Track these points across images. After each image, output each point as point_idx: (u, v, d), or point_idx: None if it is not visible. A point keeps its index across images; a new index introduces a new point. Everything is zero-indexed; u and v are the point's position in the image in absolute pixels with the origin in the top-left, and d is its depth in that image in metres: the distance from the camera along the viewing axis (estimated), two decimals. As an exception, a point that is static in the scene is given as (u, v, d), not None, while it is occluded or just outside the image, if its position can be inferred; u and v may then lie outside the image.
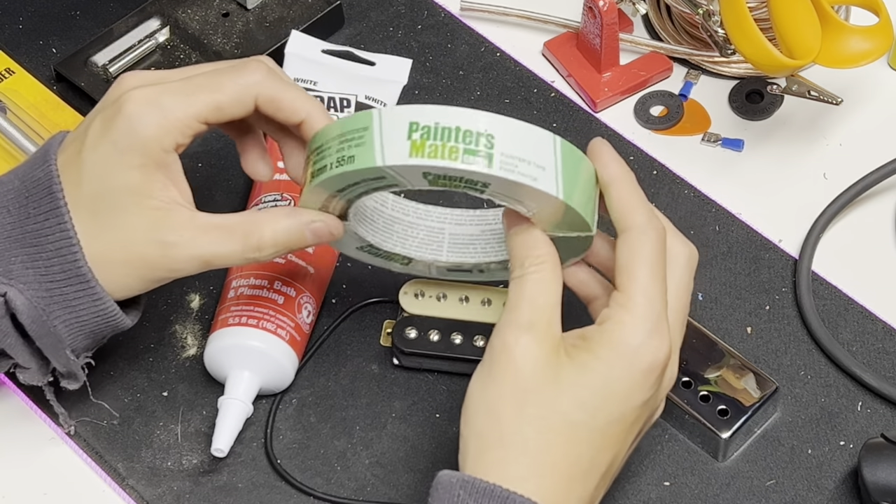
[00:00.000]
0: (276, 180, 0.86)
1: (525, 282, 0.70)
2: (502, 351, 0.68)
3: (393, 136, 0.68)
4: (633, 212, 0.70)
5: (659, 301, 0.69)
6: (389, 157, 0.68)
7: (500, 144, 0.67)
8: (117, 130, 0.72)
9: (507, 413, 0.67)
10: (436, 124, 0.68)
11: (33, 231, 0.73)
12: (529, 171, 0.68)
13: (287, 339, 0.80)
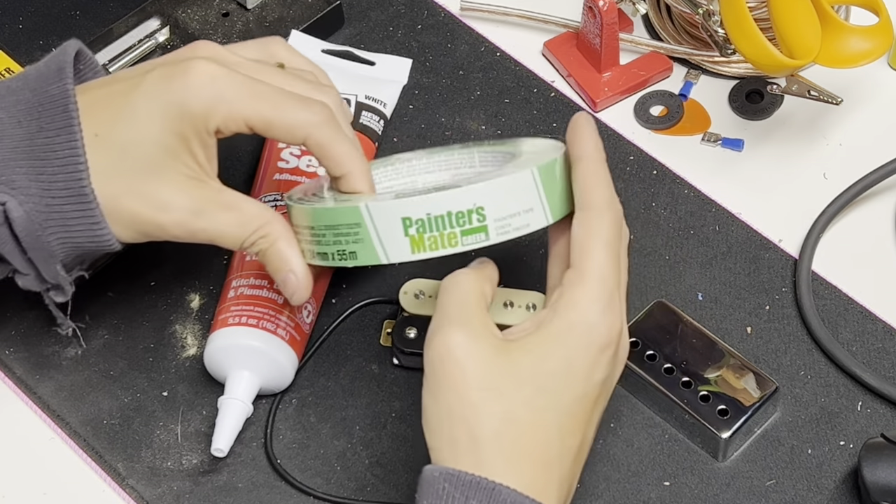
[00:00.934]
0: (276, 180, 0.86)
1: (444, 289, 0.70)
2: (443, 357, 0.68)
3: (389, 235, 0.70)
4: (594, 190, 0.70)
5: (612, 279, 0.69)
6: (393, 255, 0.71)
7: (491, 212, 0.70)
8: (174, 92, 0.72)
9: (470, 414, 0.67)
10: (427, 216, 0.70)
11: (42, 145, 0.73)
12: (522, 222, 0.71)
13: (287, 339, 0.80)
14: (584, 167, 0.70)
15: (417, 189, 0.72)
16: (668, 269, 0.87)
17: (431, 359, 0.68)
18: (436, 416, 0.68)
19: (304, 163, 0.87)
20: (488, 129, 0.93)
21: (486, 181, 0.70)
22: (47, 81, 0.74)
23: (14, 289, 0.85)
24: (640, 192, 0.90)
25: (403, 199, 0.69)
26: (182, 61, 0.73)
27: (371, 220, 0.70)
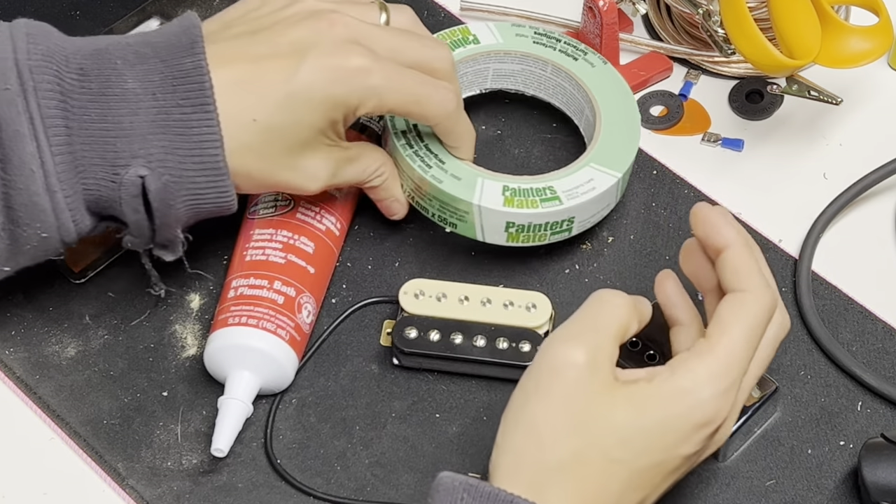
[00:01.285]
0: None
1: (594, 303, 0.70)
2: (554, 369, 0.67)
3: (491, 227, 0.84)
4: (749, 275, 0.70)
5: (739, 363, 0.68)
6: (490, 238, 0.85)
7: (579, 218, 0.85)
8: (334, 87, 0.77)
9: (548, 434, 0.67)
10: (529, 223, 0.84)
11: (179, 120, 0.75)
12: (599, 216, 0.87)
13: (287, 339, 0.80)
14: (734, 253, 0.71)
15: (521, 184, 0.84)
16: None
17: (543, 363, 0.68)
18: (514, 418, 0.68)
19: None
20: (489, 129, 0.93)
21: (584, 198, 0.83)
22: (180, 54, 0.76)
23: (14, 288, 0.85)
24: (640, 192, 0.90)
25: (511, 210, 0.82)
26: (335, 49, 0.77)
27: (479, 214, 0.83)
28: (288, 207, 0.84)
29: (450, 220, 0.85)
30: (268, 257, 0.82)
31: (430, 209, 0.85)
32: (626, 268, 0.87)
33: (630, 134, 0.87)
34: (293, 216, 0.84)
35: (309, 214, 0.85)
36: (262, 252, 0.83)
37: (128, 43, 0.77)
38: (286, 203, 0.85)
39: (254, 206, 0.86)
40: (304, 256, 0.83)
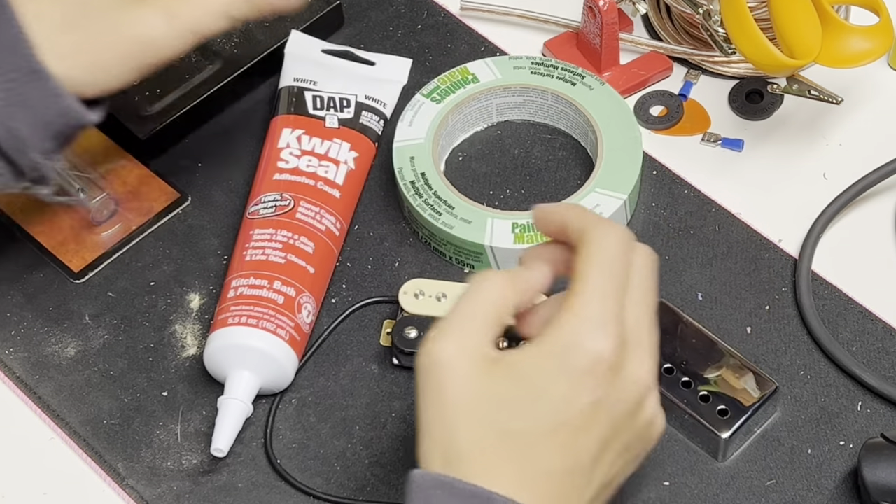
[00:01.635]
0: (276, 181, 0.86)
1: (468, 289, 0.68)
2: (428, 368, 0.66)
3: (507, 264, 0.86)
4: (587, 220, 0.68)
5: (607, 298, 0.66)
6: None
7: None
8: None
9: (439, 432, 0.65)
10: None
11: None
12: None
13: (287, 338, 0.80)
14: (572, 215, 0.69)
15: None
16: (668, 269, 0.87)
17: (419, 366, 0.66)
18: (420, 423, 0.66)
19: (304, 163, 0.87)
20: (489, 130, 0.93)
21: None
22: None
23: (14, 289, 0.85)
24: (641, 191, 0.90)
25: (523, 247, 0.84)
26: None
27: (493, 254, 0.85)
28: (288, 208, 0.84)
29: (467, 262, 0.87)
30: (268, 257, 0.82)
31: (446, 253, 0.87)
32: (626, 268, 0.87)
33: (632, 153, 0.88)
34: (293, 216, 0.84)
35: (309, 214, 0.85)
36: (261, 252, 0.83)
37: None
38: (286, 203, 0.85)
39: (254, 206, 0.85)
40: (303, 256, 0.83)
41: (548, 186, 0.90)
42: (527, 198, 0.90)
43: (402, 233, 0.89)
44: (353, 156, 0.88)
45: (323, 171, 0.87)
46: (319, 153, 0.88)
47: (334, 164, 0.87)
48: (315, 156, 0.87)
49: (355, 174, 0.88)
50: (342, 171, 0.87)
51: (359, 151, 0.89)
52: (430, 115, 0.90)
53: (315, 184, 0.86)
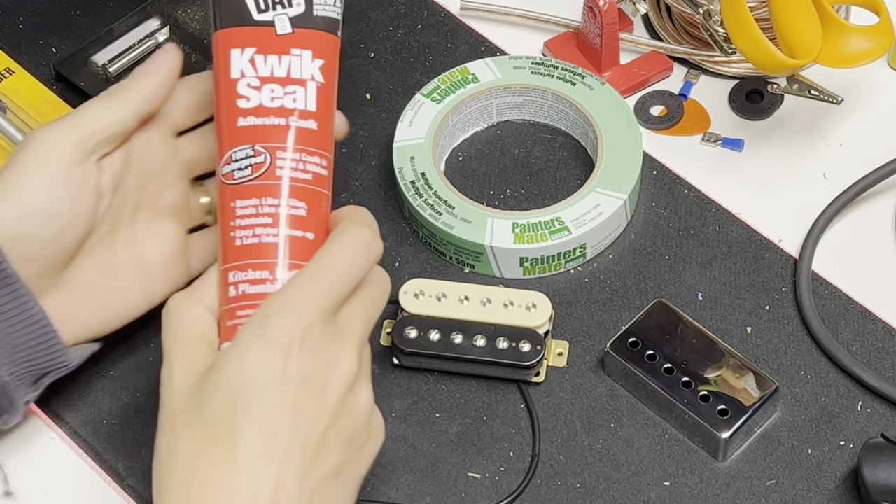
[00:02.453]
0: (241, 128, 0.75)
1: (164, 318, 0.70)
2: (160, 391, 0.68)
3: (507, 264, 0.86)
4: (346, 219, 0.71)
5: (310, 286, 0.67)
6: (507, 273, 0.87)
7: (591, 243, 0.86)
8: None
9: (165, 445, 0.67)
10: (542, 256, 0.85)
11: None
12: (611, 238, 0.88)
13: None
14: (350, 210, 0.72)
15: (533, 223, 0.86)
16: (668, 269, 0.87)
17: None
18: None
19: (268, 96, 0.75)
20: (489, 129, 0.93)
21: (592, 224, 0.85)
22: None
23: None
24: (641, 191, 0.90)
25: (523, 246, 0.85)
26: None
27: (493, 254, 0.85)
28: (265, 166, 0.74)
29: (467, 262, 0.87)
30: (260, 238, 0.73)
31: (447, 253, 0.87)
32: (625, 268, 0.87)
33: (632, 153, 0.88)
34: (272, 174, 0.73)
35: (290, 166, 0.74)
36: (251, 233, 0.73)
37: None
38: (261, 160, 0.74)
39: (226, 166, 0.74)
40: (298, 224, 0.73)
41: (548, 186, 0.90)
42: (527, 198, 0.90)
43: (402, 233, 0.89)
44: (319, 64, 0.75)
45: (290, 100, 0.74)
46: (280, 76, 0.75)
47: (300, 85, 0.75)
48: (276, 82, 0.74)
49: (325, 88, 0.76)
50: (311, 91, 0.75)
51: (323, 56, 0.76)
52: (430, 115, 0.90)
53: (286, 121, 0.74)
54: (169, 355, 0.68)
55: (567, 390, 0.82)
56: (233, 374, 0.66)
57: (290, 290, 0.68)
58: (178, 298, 0.70)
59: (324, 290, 0.68)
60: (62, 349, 0.75)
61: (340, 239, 0.70)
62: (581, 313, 0.85)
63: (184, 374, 0.67)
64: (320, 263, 0.69)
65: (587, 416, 0.81)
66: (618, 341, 0.82)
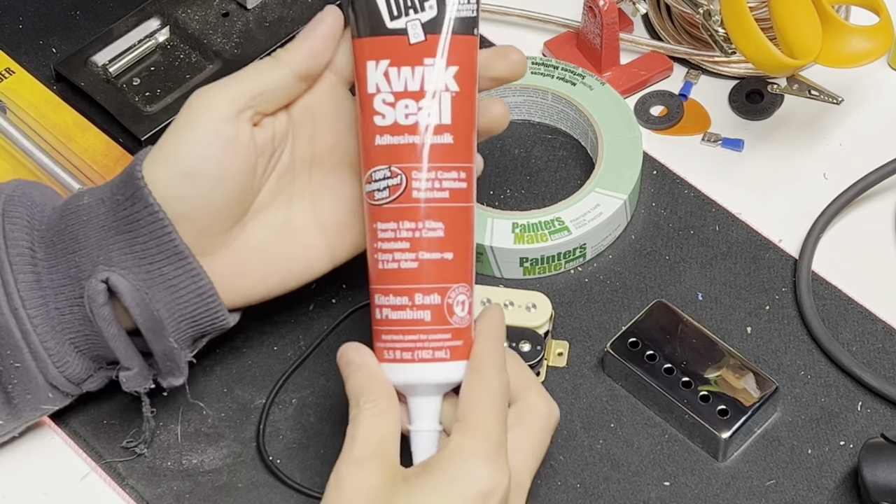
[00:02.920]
0: (378, 147, 0.73)
1: (360, 419, 0.70)
2: (334, 485, 0.68)
3: (507, 264, 0.86)
4: (487, 356, 0.71)
5: (497, 431, 0.69)
6: (507, 274, 0.87)
7: (591, 243, 0.86)
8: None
9: None
10: (541, 256, 0.85)
11: (125, 217, 0.74)
12: (611, 238, 0.88)
13: (448, 356, 0.73)
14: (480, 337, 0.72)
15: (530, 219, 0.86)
16: (668, 269, 0.87)
17: (329, 482, 0.69)
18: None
19: (402, 113, 0.73)
20: (488, 129, 0.93)
21: (592, 224, 0.85)
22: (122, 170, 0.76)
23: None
24: (641, 191, 0.90)
25: (523, 247, 0.85)
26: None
27: (493, 254, 0.85)
28: (401, 188, 0.72)
29: None
30: (399, 264, 0.73)
31: None
32: (626, 268, 0.87)
33: (632, 153, 0.88)
34: (409, 197, 0.72)
35: (426, 187, 0.72)
36: (391, 257, 0.73)
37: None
38: (398, 182, 0.73)
39: (368, 185, 0.74)
40: (435, 247, 0.72)
41: (548, 186, 0.90)
42: (527, 198, 0.90)
43: (402, 233, 0.89)
44: (453, 72, 0.73)
45: (425, 115, 0.72)
46: (413, 90, 0.72)
47: (434, 98, 0.72)
48: (410, 96, 0.72)
49: (462, 96, 0.73)
50: (446, 103, 0.73)
51: (458, 62, 0.73)
52: None
53: (421, 139, 0.72)
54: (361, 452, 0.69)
55: (567, 390, 0.82)
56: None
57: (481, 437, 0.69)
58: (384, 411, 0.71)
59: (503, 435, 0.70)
60: (224, 316, 0.77)
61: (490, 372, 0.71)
62: (581, 313, 0.85)
63: (373, 472, 0.69)
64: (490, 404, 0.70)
65: (587, 416, 0.81)
66: (618, 341, 0.82)
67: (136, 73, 0.95)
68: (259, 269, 0.77)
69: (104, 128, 0.93)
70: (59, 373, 0.75)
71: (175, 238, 0.74)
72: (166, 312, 0.74)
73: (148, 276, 0.74)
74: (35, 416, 0.78)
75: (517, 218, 0.86)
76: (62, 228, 0.75)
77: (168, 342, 0.75)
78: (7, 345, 0.74)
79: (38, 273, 0.74)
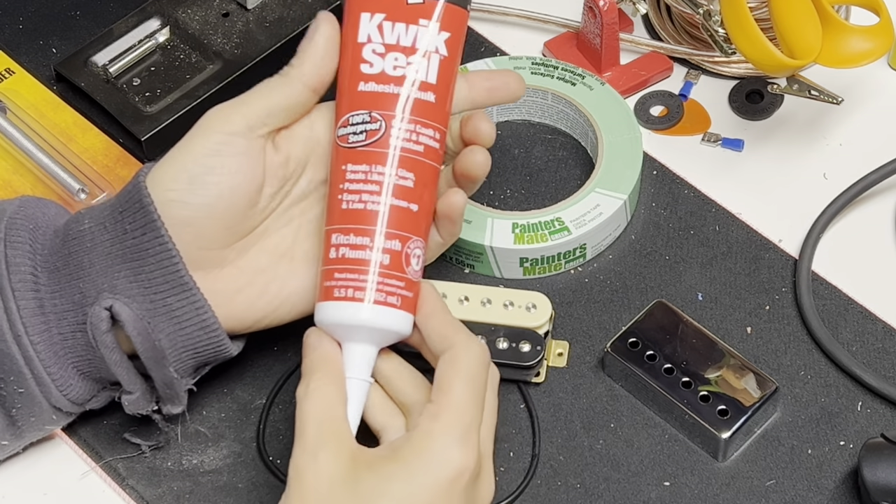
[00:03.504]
0: (361, 92, 0.75)
1: (306, 399, 0.70)
2: (294, 477, 0.68)
3: (507, 265, 0.86)
4: (453, 333, 0.71)
5: (470, 414, 0.69)
6: (507, 274, 0.87)
7: (591, 244, 0.87)
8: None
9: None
10: (542, 256, 0.85)
11: (132, 246, 0.73)
12: (611, 238, 0.88)
13: (399, 304, 0.74)
14: (435, 321, 0.72)
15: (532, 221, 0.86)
16: (668, 269, 0.87)
17: (288, 474, 0.68)
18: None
19: (391, 64, 0.74)
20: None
21: (592, 224, 0.85)
22: (126, 185, 0.75)
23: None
24: (641, 191, 0.90)
25: (523, 247, 0.85)
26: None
27: (493, 254, 0.85)
28: (379, 133, 0.74)
29: (467, 262, 0.87)
30: (365, 205, 0.73)
31: (447, 253, 0.87)
32: (625, 268, 0.87)
33: (632, 153, 0.88)
34: (385, 143, 0.74)
35: (403, 136, 0.74)
36: (358, 198, 0.74)
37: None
38: (376, 127, 0.74)
39: (342, 129, 0.75)
40: (404, 195, 0.74)
41: (548, 186, 0.90)
42: (527, 198, 0.90)
43: (402, 233, 0.89)
44: (445, 37, 0.75)
45: (413, 71, 0.74)
46: (405, 45, 0.74)
47: (424, 57, 0.74)
48: (401, 50, 0.74)
49: (448, 61, 0.75)
50: (434, 64, 0.75)
51: (450, 30, 0.75)
52: None
53: (406, 91, 0.74)
54: (314, 439, 0.69)
55: (567, 390, 0.82)
56: (399, 494, 0.67)
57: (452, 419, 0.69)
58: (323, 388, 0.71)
59: (475, 416, 0.70)
60: (227, 346, 0.77)
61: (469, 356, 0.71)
62: (581, 313, 0.85)
63: (331, 458, 0.68)
64: (464, 388, 0.70)
65: (587, 417, 0.81)
66: (618, 341, 0.82)
67: (137, 74, 0.95)
68: (256, 291, 0.77)
69: (104, 128, 0.93)
70: (63, 395, 0.76)
71: (181, 269, 0.73)
72: (168, 343, 0.74)
73: (152, 305, 0.74)
74: (38, 436, 0.79)
75: (517, 218, 0.86)
76: (66, 254, 0.75)
77: (168, 372, 0.75)
78: (10, 371, 0.74)
79: (40, 299, 0.74)
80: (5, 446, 0.77)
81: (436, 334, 0.72)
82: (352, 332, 0.73)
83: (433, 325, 0.72)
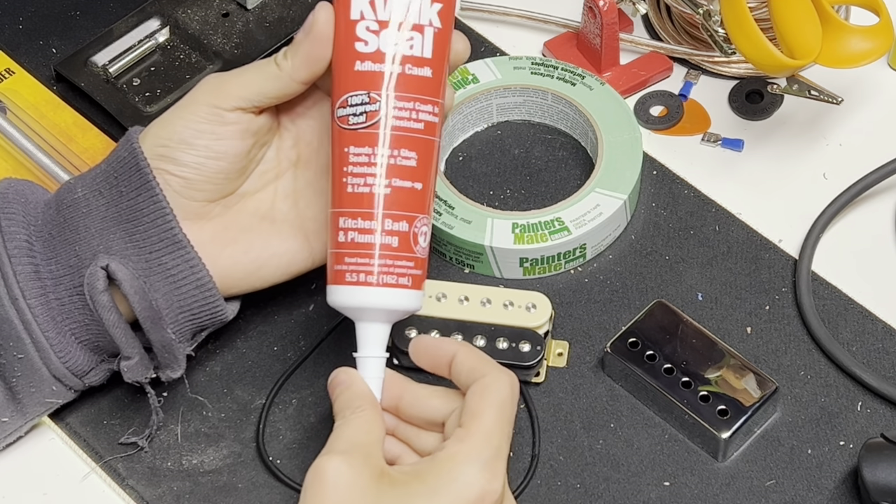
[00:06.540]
0: (358, 72, 0.74)
1: (345, 425, 0.70)
2: (314, 475, 0.68)
3: (507, 265, 0.86)
4: (483, 364, 0.71)
5: (497, 439, 0.69)
6: (507, 274, 0.87)
7: (591, 244, 0.86)
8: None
9: None
10: (541, 256, 0.85)
11: (127, 208, 0.75)
12: (612, 238, 0.88)
13: (410, 283, 0.74)
14: (462, 356, 0.72)
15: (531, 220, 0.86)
16: (668, 269, 0.87)
17: (306, 479, 0.68)
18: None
19: (385, 41, 0.73)
20: (489, 130, 0.93)
21: (592, 224, 0.85)
22: (116, 150, 0.76)
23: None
24: (641, 191, 0.90)
25: (522, 247, 0.85)
26: None
27: (493, 254, 0.85)
28: (379, 114, 0.73)
29: (467, 262, 0.87)
30: (371, 189, 0.73)
31: (446, 253, 0.87)
32: (626, 268, 0.87)
33: (632, 153, 0.88)
34: (386, 124, 0.73)
35: (403, 116, 0.73)
36: (363, 182, 0.73)
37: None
38: (376, 108, 0.73)
39: (342, 110, 0.74)
40: (408, 175, 0.74)
41: (548, 186, 0.90)
42: (527, 198, 0.90)
43: (402, 233, 0.89)
44: (437, 9, 0.74)
45: (407, 47, 0.73)
46: (399, 20, 0.73)
47: (418, 31, 0.73)
48: (395, 26, 0.73)
49: (442, 33, 0.74)
50: (428, 37, 0.74)
51: (442, 0, 0.74)
52: None
53: (402, 70, 0.73)
54: (345, 449, 0.69)
55: (567, 390, 0.82)
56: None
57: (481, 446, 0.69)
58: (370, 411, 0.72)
59: (503, 445, 0.70)
60: (222, 307, 0.78)
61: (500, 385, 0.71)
62: (581, 313, 0.85)
63: (357, 468, 0.68)
64: (494, 416, 0.70)
65: (587, 416, 0.81)
66: (618, 341, 0.82)
67: (136, 74, 0.95)
68: (241, 248, 0.78)
69: (104, 128, 0.93)
70: (62, 363, 0.76)
71: (175, 228, 0.75)
72: (164, 303, 0.75)
73: (147, 265, 0.75)
74: (40, 412, 0.79)
75: (517, 218, 0.86)
76: (60, 222, 0.76)
77: (166, 333, 0.76)
78: (9, 336, 0.75)
79: (36, 265, 0.75)
80: (8, 423, 0.78)
81: (465, 368, 0.72)
82: (364, 314, 0.74)
83: (460, 361, 0.72)
